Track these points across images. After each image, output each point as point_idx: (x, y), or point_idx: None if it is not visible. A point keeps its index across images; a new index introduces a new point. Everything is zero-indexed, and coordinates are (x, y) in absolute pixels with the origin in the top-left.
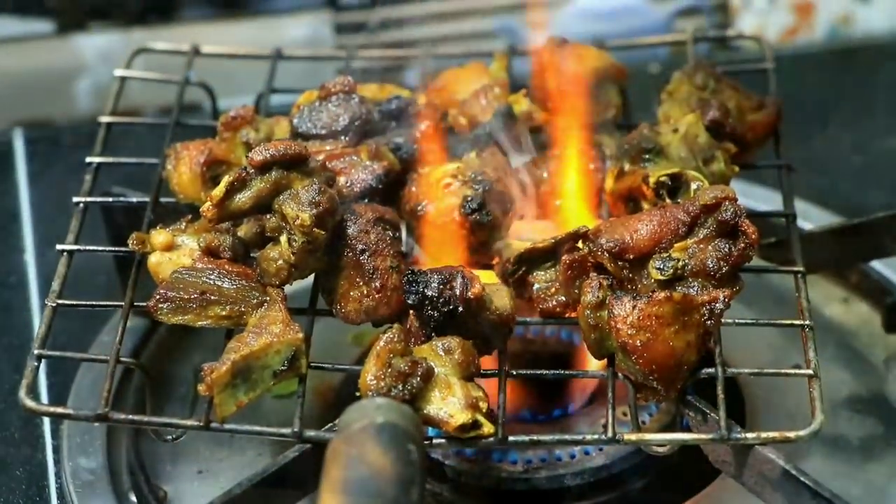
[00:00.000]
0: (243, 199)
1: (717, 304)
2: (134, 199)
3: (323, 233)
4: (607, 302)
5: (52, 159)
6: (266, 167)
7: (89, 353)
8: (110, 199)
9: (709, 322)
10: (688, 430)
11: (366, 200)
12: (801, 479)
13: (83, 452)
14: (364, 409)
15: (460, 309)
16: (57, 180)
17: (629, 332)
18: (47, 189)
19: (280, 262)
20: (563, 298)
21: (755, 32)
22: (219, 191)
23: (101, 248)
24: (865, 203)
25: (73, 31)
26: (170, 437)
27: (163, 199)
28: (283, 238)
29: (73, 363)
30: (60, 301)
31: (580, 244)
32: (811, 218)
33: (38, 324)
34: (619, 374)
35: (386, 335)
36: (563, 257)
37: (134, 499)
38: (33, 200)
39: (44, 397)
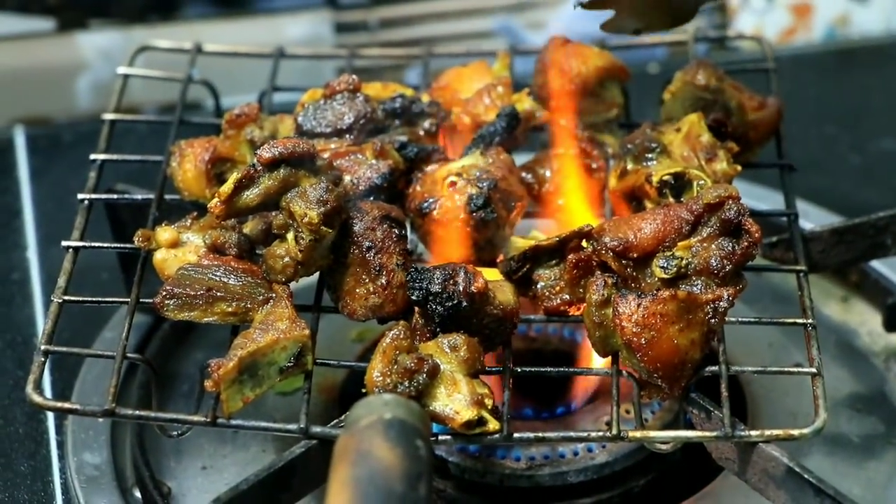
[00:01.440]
0: (251, 195)
1: (721, 303)
2: (139, 197)
3: (331, 231)
4: (612, 300)
5: (53, 157)
6: (274, 164)
7: (93, 349)
8: (115, 196)
9: (713, 320)
10: (691, 427)
11: (371, 198)
12: (805, 476)
13: (87, 448)
14: (371, 406)
15: (464, 304)
16: (58, 177)
17: (634, 329)
18: (49, 186)
19: (287, 259)
20: (568, 297)
21: (754, 33)
22: (227, 187)
23: (106, 245)
24: (865, 202)
25: (74, 28)
26: (175, 432)
27: (167, 197)
28: (290, 235)
29: (75, 360)
30: (67, 297)
31: (584, 243)
32: (811, 217)
33: (40, 320)
34: (623, 372)
35: (392, 332)
36: (569, 256)
37: (138, 494)
38: (35, 198)
39: (47, 394)
